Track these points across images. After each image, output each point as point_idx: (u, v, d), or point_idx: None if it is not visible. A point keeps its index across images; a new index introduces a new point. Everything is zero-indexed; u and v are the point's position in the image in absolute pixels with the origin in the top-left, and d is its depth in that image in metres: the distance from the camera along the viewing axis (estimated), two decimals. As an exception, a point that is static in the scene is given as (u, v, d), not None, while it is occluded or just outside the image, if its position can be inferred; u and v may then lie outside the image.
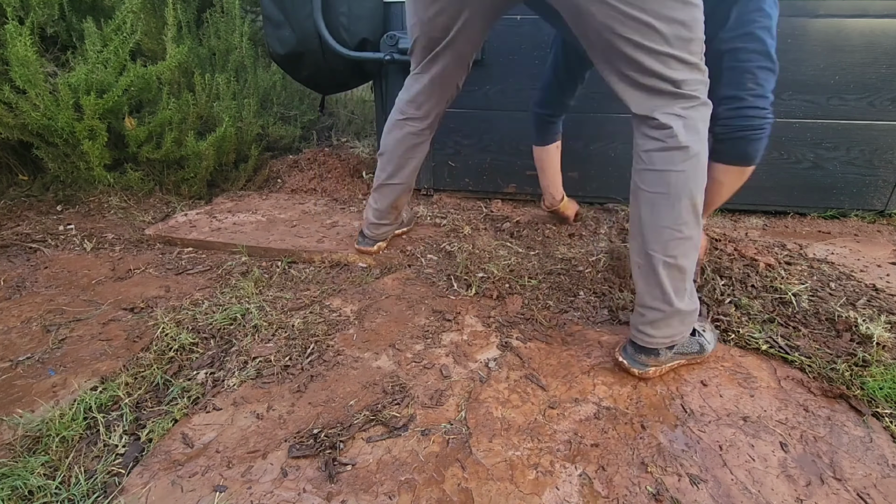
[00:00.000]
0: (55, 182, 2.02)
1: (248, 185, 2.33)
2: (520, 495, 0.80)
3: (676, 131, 0.90)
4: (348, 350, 1.16)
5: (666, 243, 0.94)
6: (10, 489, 0.78)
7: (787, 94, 1.87)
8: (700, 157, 0.92)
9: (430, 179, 2.21)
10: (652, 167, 0.94)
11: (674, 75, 0.89)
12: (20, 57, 1.64)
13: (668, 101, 0.92)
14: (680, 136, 0.90)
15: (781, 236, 1.86)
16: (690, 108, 0.92)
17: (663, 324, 1.00)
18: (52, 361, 1.10)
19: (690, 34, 0.88)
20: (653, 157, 0.94)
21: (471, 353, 1.15)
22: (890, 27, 1.73)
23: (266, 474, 0.83)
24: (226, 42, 2.29)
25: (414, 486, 0.81)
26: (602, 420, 0.95)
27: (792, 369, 1.11)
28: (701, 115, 0.93)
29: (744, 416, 0.97)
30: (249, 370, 1.07)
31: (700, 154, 0.92)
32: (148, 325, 1.24)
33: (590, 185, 2.12)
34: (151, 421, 0.93)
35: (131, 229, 1.80)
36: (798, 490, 0.82)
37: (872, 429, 0.95)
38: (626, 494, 0.80)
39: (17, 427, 0.91)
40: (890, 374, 1.05)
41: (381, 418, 0.94)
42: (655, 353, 1.02)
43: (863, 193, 1.98)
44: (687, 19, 0.86)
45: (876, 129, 1.87)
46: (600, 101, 1.97)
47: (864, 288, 1.44)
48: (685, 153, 0.91)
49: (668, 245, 0.94)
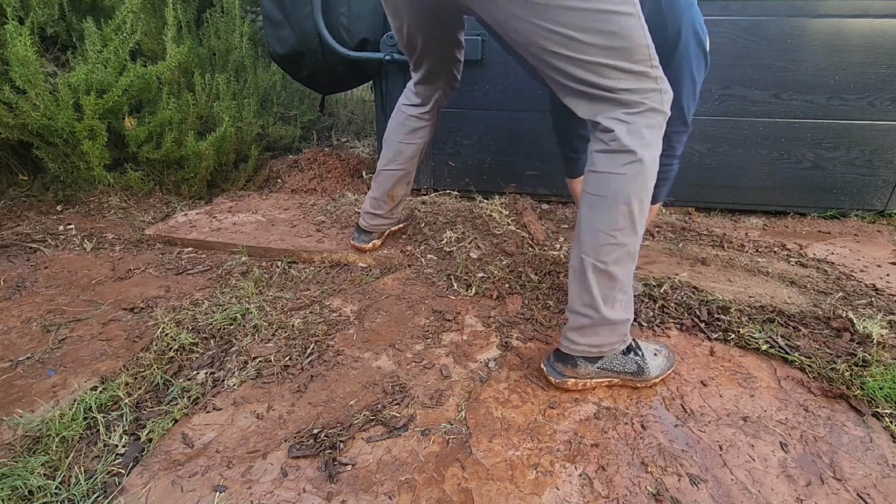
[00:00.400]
0: (55, 182, 2.02)
1: (248, 185, 2.32)
2: (520, 495, 0.80)
3: (619, 135, 0.89)
4: (348, 350, 1.16)
5: (599, 247, 0.92)
6: (10, 489, 0.78)
7: (787, 94, 1.87)
8: (644, 163, 0.89)
9: (430, 179, 2.21)
10: (595, 169, 0.92)
11: (610, 84, 0.88)
12: (20, 57, 1.64)
13: (610, 107, 0.90)
14: (623, 140, 0.88)
15: (781, 236, 1.86)
16: (635, 114, 0.90)
17: (590, 331, 0.97)
18: (52, 361, 1.10)
19: (626, 43, 0.85)
20: (596, 158, 0.92)
21: (471, 353, 1.15)
22: (890, 27, 1.73)
23: (266, 474, 0.83)
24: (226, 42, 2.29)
25: (414, 486, 0.81)
26: (602, 420, 0.95)
27: (792, 369, 1.11)
28: (647, 122, 0.90)
29: (744, 416, 0.97)
30: (249, 370, 1.07)
31: (644, 160, 0.89)
32: (148, 325, 1.24)
33: (590, 185, 2.12)
34: (151, 421, 0.93)
35: (131, 229, 1.80)
36: (798, 490, 0.82)
37: (872, 429, 0.95)
38: (626, 494, 0.80)
39: (17, 427, 0.91)
40: (890, 374, 1.05)
41: (381, 418, 0.94)
42: (573, 363, 1.00)
43: (863, 193, 1.98)
44: (617, 29, 0.84)
45: (876, 129, 1.87)
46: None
47: (864, 288, 1.44)
48: (628, 156, 0.89)
49: (601, 250, 0.92)
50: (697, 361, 1.13)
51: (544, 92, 1.99)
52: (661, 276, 1.50)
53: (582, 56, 0.86)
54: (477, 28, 1.92)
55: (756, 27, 1.79)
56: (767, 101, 1.88)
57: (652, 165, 0.91)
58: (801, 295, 1.41)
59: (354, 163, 2.50)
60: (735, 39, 1.81)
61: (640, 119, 0.90)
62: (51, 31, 1.94)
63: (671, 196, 2.08)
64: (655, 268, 1.57)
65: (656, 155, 0.92)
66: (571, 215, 2.04)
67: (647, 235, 1.84)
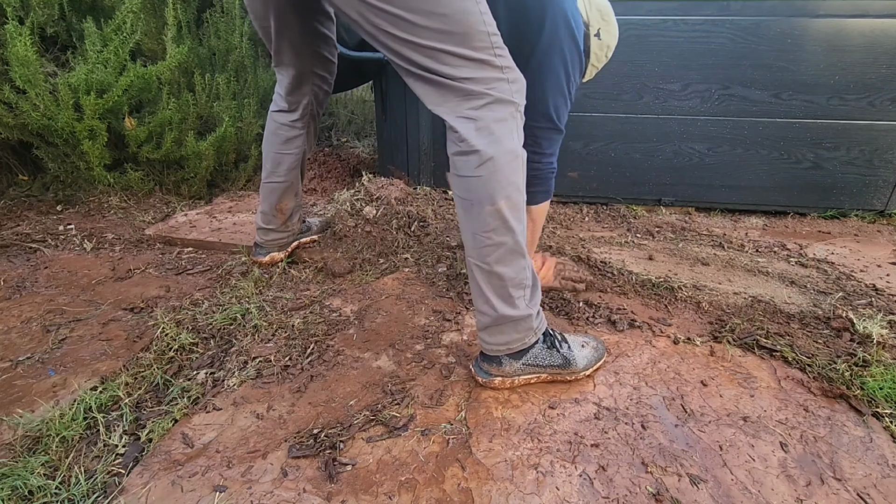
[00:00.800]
0: (55, 182, 2.02)
1: (249, 185, 2.32)
2: (520, 495, 0.80)
3: (466, 135, 0.86)
4: (348, 350, 1.16)
5: (479, 250, 0.91)
6: (10, 489, 0.78)
7: (787, 94, 1.87)
8: (497, 160, 0.86)
9: (431, 180, 2.21)
10: (456, 173, 0.90)
11: (450, 71, 0.84)
12: (20, 57, 1.64)
13: (458, 101, 0.87)
14: (471, 141, 0.85)
15: (781, 236, 1.86)
16: (482, 108, 0.86)
17: (496, 330, 0.97)
18: (52, 361, 1.10)
19: (461, 28, 0.81)
20: (455, 160, 0.90)
21: (471, 353, 1.15)
22: (890, 27, 1.73)
23: (266, 474, 0.83)
24: (226, 42, 2.29)
25: (414, 486, 0.81)
26: (602, 420, 0.95)
27: (792, 369, 1.11)
28: (495, 115, 0.87)
29: (744, 416, 0.97)
30: (249, 370, 1.07)
31: (496, 157, 0.86)
32: (148, 325, 1.24)
33: (589, 185, 2.12)
34: (151, 421, 0.93)
35: (131, 229, 1.80)
36: (798, 490, 0.82)
37: (872, 429, 0.95)
38: (626, 494, 0.80)
39: (17, 427, 0.91)
40: (890, 374, 1.05)
41: (381, 418, 0.94)
42: (497, 361, 0.99)
43: (863, 193, 1.98)
44: (449, 12, 0.80)
45: (876, 129, 1.87)
46: (600, 101, 1.98)
47: (864, 288, 1.44)
48: (478, 157, 0.86)
49: (481, 252, 0.91)
50: (697, 361, 1.13)
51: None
52: (661, 275, 1.50)
53: (417, 39, 0.82)
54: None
55: (756, 27, 1.79)
56: (767, 101, 1.88)
57: (509, 160, 0.88)
58: (801, 295, 1.41)
59: (354, 163, 2.50)
60: (735, 39, 1.82)
61: (486, 114, 0.86)
62: (51, 31, 1.94)
63: (672, 196, 2.08)
64: (655, 267, 1.57)
65: (512, 146, 0.89)
66: (572, 214, 2.04)
67: (647, 235, 1.85)
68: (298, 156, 1.41)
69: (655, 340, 1.20)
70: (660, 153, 2.02)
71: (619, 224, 1.97)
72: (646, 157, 2.03)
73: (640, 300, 1.38)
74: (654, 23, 1.83)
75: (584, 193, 2.14)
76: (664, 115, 1.96)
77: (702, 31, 1.82)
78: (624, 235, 1.85)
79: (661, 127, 1.98)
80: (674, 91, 1.92)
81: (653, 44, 1.86)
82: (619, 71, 1.91)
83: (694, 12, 1.81)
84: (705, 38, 1.83)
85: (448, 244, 1.68)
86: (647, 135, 2.00)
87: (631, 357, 1.14)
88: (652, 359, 1.13)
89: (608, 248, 1.73)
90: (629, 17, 1.84)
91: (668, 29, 1.84)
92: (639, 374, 1.08)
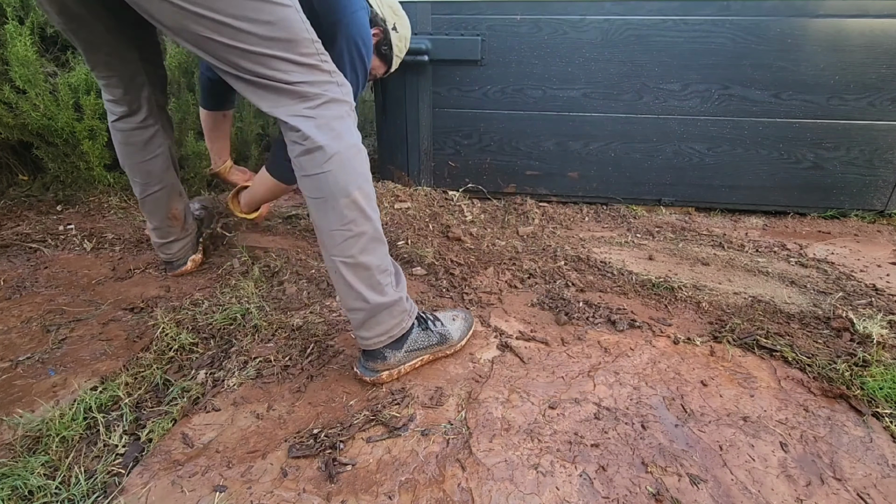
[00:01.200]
0: (55, 182, 2.02)
1: (248, 185, 2.32)
2: (520, 495, 0.80)
3: (308, 133, 0.86)
4: (348, 350, 1.16)
5: (341, 245, 0.92)
6: (10, 489, 0.78)
7: (787, 94, 1.87)
8: (342, 154, 0.88)
9: (431, 180, 2.21)
10: (304, 172, 0.90)
11: (283, 77, 0.85)
12: (20, 57, 1.64)
13: (294, 103, 0.87)
14: (314, 138, 0.86)
15: (781, 236, 1.86)
16: (318, 107, 0.88)
17: (373, 322, 0.97)
18: (52, 361, 1.10)
19: (287, 34, 0.83)
20: (300, 162, 0.90)
21: (471, 352, 1.15)
22: (890, 27, 1.73)
23: (266, 474, 0.83)
24: (226, 42, 2.29)
25: (414, 486, 0.81)
26: (602, 420, 0.95)
27: (792, 369, 1.11)
28: (332, 113, 0.89)
29: (744, 416, 0.97)
30: (249, 370, 1.07)
31: (341, 151, 0.88)
32: (148, 325, 1.24)
33: (589, 185, 2.12)
34: (151, 421, 0.93)
35: (131, 229, 1.80)
36: (798, 490, 0.82)
37: (872, 429, 0.95)
38: (626, 494, 0.80)
39: (17, 427, 0.91)
40: (890, 374, 1.05)
41: (381, 418, 0.94)
42: (381, 356, 1.00)
43: (863, 193, 1.98)
44: (273, 19, 0.81)
45: (876, 129, 1.87)
46: (600, 101, 1.98)
47: (864, 288, 1.44)
48: (323, 154, 0.87)
49: (344, 246, 0.92)
50: (697, 361, 1.13)
51: (544, 92, 1.99)
52: (661, 275, 1.50)
53: (244, 45, 0.81)
54: (476, 28, 1.92)
55: (756, 27, 1.79)
56: (767, 101, 1.88)
57: (354, 154, 0.91)
58: (801, 295, 1.41)
59: (354, 163, 2.49)
60: (735, 39, 1.82)
61: (324, 112, 0.88)
62: (51, 31, 1.94)
63: (672, 196, 2.09)
64: (655, 267, 1.57)
65: (354, 141, 0.91)
66: (572, 214, 2.04)
67: (647, 235, 1.85)
68: (165, 155, 1.33)
69: (655, 340, 1.20)
70: (660, 153, 2.02)
71: (619, 224, 1.97)
72: (646, 157, 2.03)
73: (640, 300, 1.38)
74: (654, 23, 1.83)
75: (584, 193, 2.14)
76: (664, 115, 1.96)
77: (702, 32, 1.82)
78: (624, 235, 1.85)
79: (661, 127, 1.98)
80: (674, 91, 1.92)
81: (653, 44, 1.86)
82: (619, 71, 1.91)
83: (694, 12, 1.81)
84: (705, 38, 1.83)
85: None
86: (647, 135, 2.00)
87: (631, 357, 1.14)
88: (652, 359, 1.13)
89: (608, 248, 1.73)
90: (629, 17, 1.84)
91: (668, 29, 1.84)
92: (639, 374, 1.08)
